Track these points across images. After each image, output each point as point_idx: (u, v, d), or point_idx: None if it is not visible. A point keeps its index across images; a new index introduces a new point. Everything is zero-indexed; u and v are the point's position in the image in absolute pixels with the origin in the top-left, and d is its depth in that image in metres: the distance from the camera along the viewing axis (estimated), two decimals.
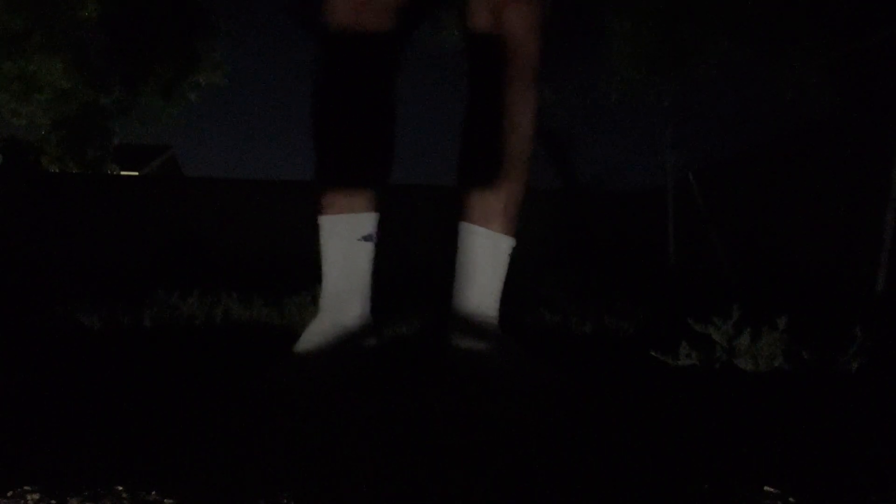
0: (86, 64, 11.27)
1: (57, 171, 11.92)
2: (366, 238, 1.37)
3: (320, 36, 1.37)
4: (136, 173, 15.28)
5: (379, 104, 1.41)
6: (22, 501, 0.71)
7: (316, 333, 1.37)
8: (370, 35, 1.32)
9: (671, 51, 8.07)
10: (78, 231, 9.33)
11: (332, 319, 1.37)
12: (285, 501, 0.72)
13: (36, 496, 0.72)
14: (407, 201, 9.31)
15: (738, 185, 7.38)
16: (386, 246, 1.55)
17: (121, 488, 0.74)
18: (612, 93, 9.04)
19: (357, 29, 1.31)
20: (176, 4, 11.43)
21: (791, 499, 0.75)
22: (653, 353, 1.62)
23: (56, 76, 11.00)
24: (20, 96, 11.01)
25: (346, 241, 1.36)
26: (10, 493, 0.72)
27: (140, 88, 11.79)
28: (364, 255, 1.38)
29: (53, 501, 0.71)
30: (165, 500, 0.72)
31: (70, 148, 11.84)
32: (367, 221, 1.37)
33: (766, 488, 0.77)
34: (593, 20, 8.98)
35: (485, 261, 1.40)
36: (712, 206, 7.71)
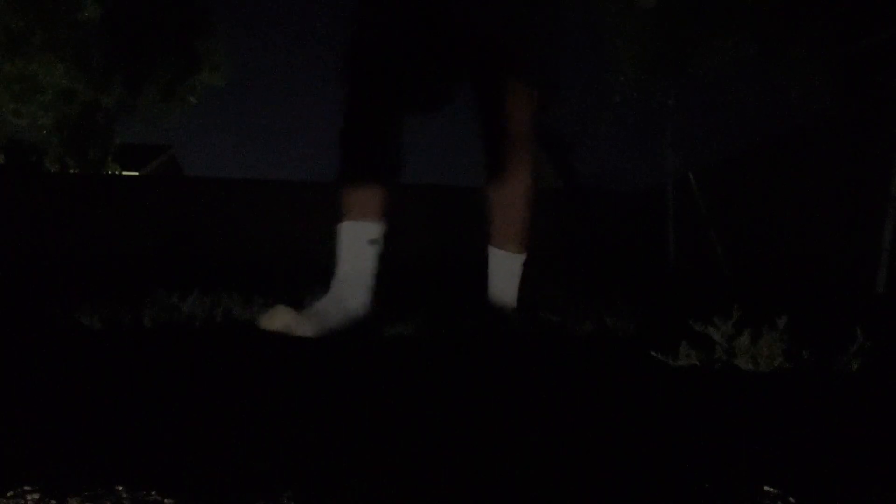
0: (87, 64, 11.28)
1: (57, 170, 11.92)
2: (371, 242, 1.66)
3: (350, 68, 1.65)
4: (136, 173, 15.27)
5: (398, 132, 1.71)
6: (22, 501, 0.71)
7: (323, 309, 1.60)
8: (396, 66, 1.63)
9: (673, 50, 8.07)
10: (78, 231, 9.32)
11: (338, 302, 1.62)
12: (285, 501, 0.72)
13: (36, 496, 0.72)
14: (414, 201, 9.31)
15: (738, 185, 7.38)
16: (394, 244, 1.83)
17: (121, 488, 0.74)
18: (615, 92, 9.04)
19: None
20: (176, 5, 11.43)
21: (791, 499, 0.75)
22: (653, 353, 1.62)
23: (57, 76, 11.01)
24: (21, 97, 11.01)
25: (358, 242, 1.66)
26: (10, 493, 0.72)
27: (141, 89, 11.79)
28: (369, 255, 1.66)
29: (53, 501, 0.71)
30: (165, 500, 0.72)
31: (72, 148, 11.84)
32: (373, 229, 1.67)
33: (766, 488, 0.77)
34: (596, 19, 8.97)
35: (505, 273, 1.88)
36: (712, 206, 7.71)
